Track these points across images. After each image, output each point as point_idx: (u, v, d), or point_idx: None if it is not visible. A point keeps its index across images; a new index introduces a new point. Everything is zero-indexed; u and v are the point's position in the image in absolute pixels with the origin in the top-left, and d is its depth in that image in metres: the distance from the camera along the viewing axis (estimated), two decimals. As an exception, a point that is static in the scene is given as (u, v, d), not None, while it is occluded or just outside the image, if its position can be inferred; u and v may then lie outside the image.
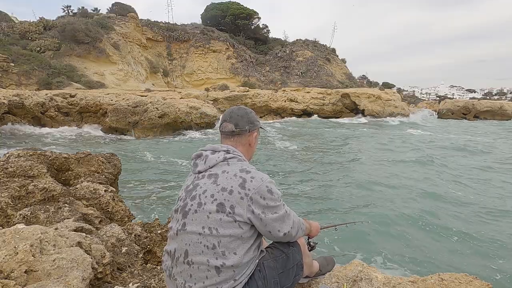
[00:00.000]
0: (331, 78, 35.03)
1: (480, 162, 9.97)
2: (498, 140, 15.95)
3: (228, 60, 34.14)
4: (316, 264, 1.72)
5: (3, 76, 17.39)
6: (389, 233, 4.75)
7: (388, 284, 1.65)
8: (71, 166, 3.28)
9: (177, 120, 14.04)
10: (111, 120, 13.04)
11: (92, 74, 22.30)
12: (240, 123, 1.41)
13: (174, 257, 1.26)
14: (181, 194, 1.35)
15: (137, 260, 2.08)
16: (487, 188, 7.11)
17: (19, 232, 1.56)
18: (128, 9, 31.46)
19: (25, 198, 2.44)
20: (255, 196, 1.22)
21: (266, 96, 24.53)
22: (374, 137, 15.34)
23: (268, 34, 43.68)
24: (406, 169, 8.71)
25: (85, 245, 1.75)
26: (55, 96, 13.94)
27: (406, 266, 3.91)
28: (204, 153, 1.37)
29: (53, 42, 22.04)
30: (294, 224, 1.35)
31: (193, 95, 20.88)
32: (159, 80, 30.41)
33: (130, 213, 2.96)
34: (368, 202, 6.01)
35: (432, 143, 13.80)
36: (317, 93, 25.57)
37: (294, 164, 9.12)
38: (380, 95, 24.26)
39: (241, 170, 1.27)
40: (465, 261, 4.04)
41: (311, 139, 14.47)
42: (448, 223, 5.14)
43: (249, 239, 1.25)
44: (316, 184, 7.14)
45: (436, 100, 62.07)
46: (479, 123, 29.05)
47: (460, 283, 1.59)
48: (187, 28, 36.42)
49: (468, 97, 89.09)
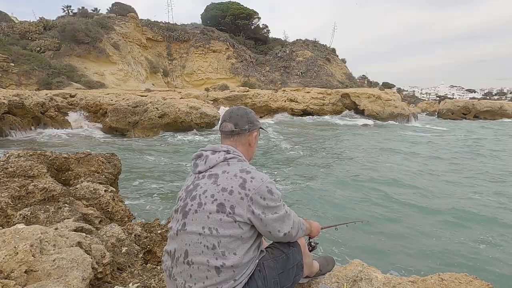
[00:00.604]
0: (331, 78, 35.02)
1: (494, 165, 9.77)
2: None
3: (228, 60, 34.14)
4: (316, 264, 1.71)
5: (3, 76, 17.39)
6: (390, 233, 4.75)
7: (388, 284, 1.65)
8: (71, 166, 3.28)
9: (177, 120, 14.04)
10: (111, 120, 13.04)
11: (92, 74, 22.30)
12: (239, 123, 1.42)
13: (174, 257, 1.26)
14: (182, 194, 1.35)
15: (137, 260, 2.08)
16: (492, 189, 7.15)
17: (19, 232, 1.56)
18: (128, 9, 31.47)
19: (25, 198, 2.44)
20: (255, 197, 1.22)
21: (266, 96, 24.53)
22: (378, 136, 15.37)
23: (268, 34, 43.72)
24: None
25: (85, 245, 1.74)
26: (55, 96, 13.94)
27: (406, 266, 3.90)
28: (205, 153, 1.37)
29: (53, 42, 22.05)
30: (294, 224, 1.35)
31: (193, 95, 20.87)
32: (159, 80, 30.41)
33: (130, 213, 2.96)
34: (371, 201, 6.02)
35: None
36: (317, 93, 25.56)
37: (292, 162, 9.13)
38: (380, 95, 24.24)
39: (241, 170, 1.27)
40: (465, 261, 4.04)
41: (316, 138, 14.49)
42: (451, 222, 5.14)
43: (249, 239, 1.25)
44: (327, 184, 7.17)
45: (436, 100, 62.08)
46: (482, 122, 29.15)
47: (460, 283, 1.59)
48: (187, 28, 36.43)
49: (468, 97, 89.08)
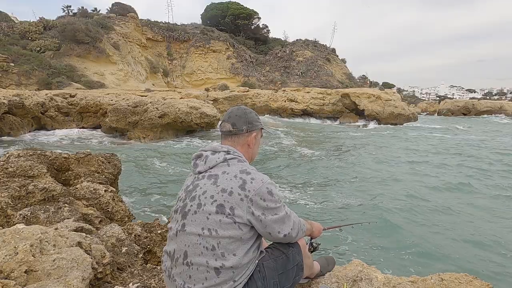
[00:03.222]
0: (331, 78, 35.00)
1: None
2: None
3: (228, 60, 34.12)
4: (317, 265, 1.71)
5: (3, 76, 17.39)
6: (390, 234, 4.75)
7: (388, 284, 1.65)
8: (71, 166, 3.28)
9: (177, 120, 14.02)
10: (111, 120, 13.03)
11: (92, 74, 22.29)
12: (237, 123, 1.41)
13: (173, 258, 1.25)
14: (181, 194, 1.35)
15: (137, 260, 2.07)
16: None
17: (19, 232, 1.56)
18: (128, 9, 31.46)
19: (25, 198, 2.44)
20: (255, 198, 1.21)
21: (266, 96, 24.52)
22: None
23: (268, 34, 43.74)
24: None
25: (85, 245, 1.74)
26: (55, 96, 13.92)
27: (406, 266, 3.90)
28: (204, 153, 1.37)
29: (53, 42, 22.04)
30: (294, 225, 1.34)
31: (193, 95, 20.86)
32: (159, 80, 30.40)
33: (130, 213, 2.96)
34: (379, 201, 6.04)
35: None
36: (317, 93, 25.53)
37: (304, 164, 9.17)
38: (380, 95, 24.21)
39: (241, 171, 1.27)
40: (466, 261, 4.04)
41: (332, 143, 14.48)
42: (455, 222, 5.15)
43: (248, 240, 1.24)
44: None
45: (436, 100, 62.07)
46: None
47: (460, 283, 1.59)
48: (187, 28, 36.44)
49: (468, 97, 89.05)
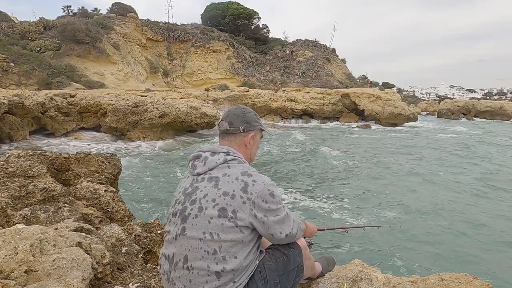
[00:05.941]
0: (331, 78, 35.00)
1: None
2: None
3: (228, 60, 34.11)
4: (318, 266, 1.71)
5: (3, 76, 17.37)
6: (391, 235, 4.75)
7: (388, 284, 1.65)
8: (71, 166, 3.28)
9: (177, 120, 14.02)
10: (111, 120, 13.03)
11: (92, 74, 22.28)
12: (234, 122, 1.39)
13: (172, 261, 1.24)
14: (179, 196, 1.32)
15: (137, 260, 2.07)
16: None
17: (19, 232, 1.56)
18: (128, 9, 31.43)
19: (25, 198, 2.44)
20: (257, 200, 1.21)
21: (266, 96, 24.50)
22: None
23: (268, 34, 43.70)
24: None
25: (85, 245, 1.74)
26: (55, 96, 13.91)
27: (406, 266, 3.90)
28: (203, 154, 1.34)
29: (53, 42, 22.02)
30: (294, 224, 1.34)
31: (193, 95, 20.86)
32: (159, 80, 30.39)
33: (130, 213, 2.96)
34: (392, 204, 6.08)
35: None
36: (317, 93, 25.52)
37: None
38: (380, 95, 24.21)
39: (243, 173, 1.25)
40: (466, 261, 4.04)
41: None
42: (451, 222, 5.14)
43: (249, 243, 1.24)
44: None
45: (436, 100, 62.07)
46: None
47: (460, 283, 1.58)
48: (187, 28, 36.42)
49: (468, 97, 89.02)
